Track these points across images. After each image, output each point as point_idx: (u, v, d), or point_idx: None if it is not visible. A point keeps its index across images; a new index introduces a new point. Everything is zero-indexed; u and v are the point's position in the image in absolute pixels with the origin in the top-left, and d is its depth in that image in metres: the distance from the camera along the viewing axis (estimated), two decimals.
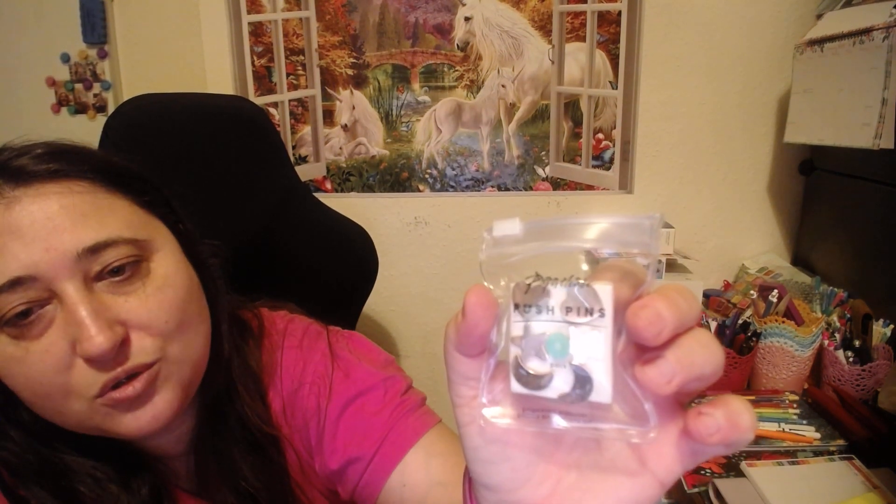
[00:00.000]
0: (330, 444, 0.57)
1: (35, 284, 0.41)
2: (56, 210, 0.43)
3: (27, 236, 0.41)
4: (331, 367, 0.59)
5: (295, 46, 1.38)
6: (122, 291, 0.44)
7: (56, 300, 0.42)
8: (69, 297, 0.42)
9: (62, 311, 0.42)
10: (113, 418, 0.44)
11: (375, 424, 0.56)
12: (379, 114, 1.41)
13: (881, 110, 0.90)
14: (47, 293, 0.42)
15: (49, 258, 0.41)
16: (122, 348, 0.43)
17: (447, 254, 1.47)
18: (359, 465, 0.55)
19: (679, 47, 1.33)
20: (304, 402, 0.58)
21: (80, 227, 0.43)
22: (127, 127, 0.87)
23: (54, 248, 0.42)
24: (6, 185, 0.42)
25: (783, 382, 0.97)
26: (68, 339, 0.42)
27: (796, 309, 1.00)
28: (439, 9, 1.35)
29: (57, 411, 0.44)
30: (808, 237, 1.34)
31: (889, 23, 0.89)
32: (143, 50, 1.43)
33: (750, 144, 1.37)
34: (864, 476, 0.74)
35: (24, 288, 0.41)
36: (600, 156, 1.39)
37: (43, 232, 0.42)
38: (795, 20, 1.28)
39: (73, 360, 0.42)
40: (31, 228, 0.42)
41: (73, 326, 0.42)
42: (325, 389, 0.58)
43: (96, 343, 0.41)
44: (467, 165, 1.42)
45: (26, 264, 0.41)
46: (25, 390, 0.43)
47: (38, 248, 0.41)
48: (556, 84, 1.37)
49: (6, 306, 0.41)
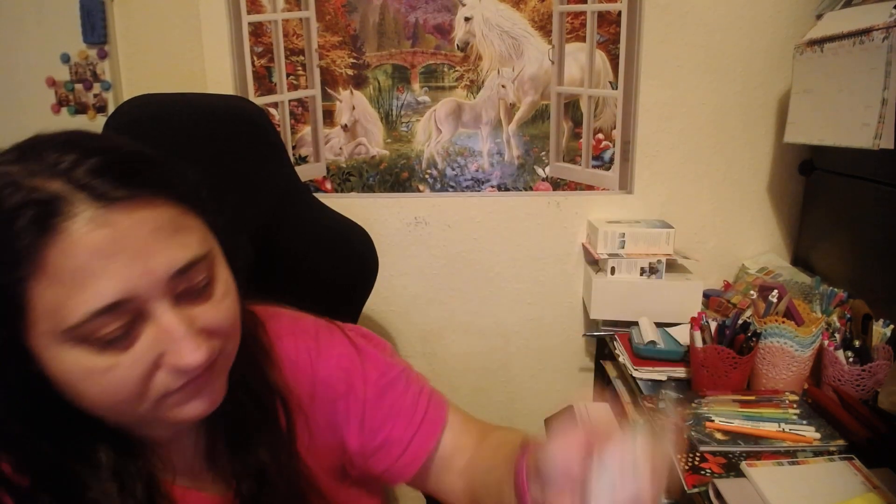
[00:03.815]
0: (369, 424, 0.62)
1: (130, 306, 0.43)
2: (148, 232, 0.43)
3: (125, 258, 0.42)
4: (357, 357, 0.64)
5: (295, 46, 1.38)
6: (198, 302, 0.47)
7: (143, 317, 0.44)
8: (163, 315, 0.44)
9: (152, 326, 0.44)
10: (177, 408, 0.48)
11: (408, 409, 0.64)
12: (379, 114, 1.41)
13: (881, 110, 0.90)
14: (139, 312, 0.43)
15: (146, 281, 0.43)
16: None
17: (447, 254, 1.47)
18: (397, 446, 0.62)
19: (679, 47, 1.33)
20: (328, 387, 0.62)
21: (171, 249, 0.44)
22: (127, 127, 0.87)
23: (151, 270, 0.43)
24: (105, 201, 0.41)
25: (783, 382, 0.97)
26: (157, 352, 0.44)
27: (796, 309, 1.00)
28: (439, 9, 1.35)
29: (123, 412, 0.46)
30: (808, 237, 1.34)
31: (889, 23, 0.89)
32: (143, 50, 1.43)
33: (750, 144, 1.37)
34: (864, 476, 0.74)
35: (121, 310, 0.42)
36: (600, 156, 1.39)
37: (139, 255, 0.42)
38: (795, 20, 1.28)
39: (156, 368, 0.45)
40: (130, 251, 0.42)
41: (165, 341, 0.44)
42: (358, 377, 0.63)
43: (196, 358, 0.44)
44: (467, 165, 1.42)
45: (126, 287, 0.42)
46: (102, 397, 0.44)
47: (136, 271, 0.42)
48: (556, 84, 1.37)
49: (102, 328, 0.42)
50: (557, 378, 1.54)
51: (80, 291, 0.41)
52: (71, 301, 0.41)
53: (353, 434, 0.63)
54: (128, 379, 0.44)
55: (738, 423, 0.86)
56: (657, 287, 1.27)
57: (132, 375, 0.44)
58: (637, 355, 1.14)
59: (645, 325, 1.20)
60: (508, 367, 1.54)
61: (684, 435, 0.84)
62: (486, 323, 1.51)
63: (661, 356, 1.12)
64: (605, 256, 1.29)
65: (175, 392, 0.46)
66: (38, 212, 0.40)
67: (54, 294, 0.41)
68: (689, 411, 0.90)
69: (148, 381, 0.45)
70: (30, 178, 0.41)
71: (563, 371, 1.53)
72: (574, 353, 1.52)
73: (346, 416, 0.63)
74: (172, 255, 0.44)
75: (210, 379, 0.49)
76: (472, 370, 1.54)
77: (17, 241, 0.40)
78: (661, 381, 1.06)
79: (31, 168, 0.42)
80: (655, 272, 1.28)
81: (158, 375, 0.45)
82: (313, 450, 0.61)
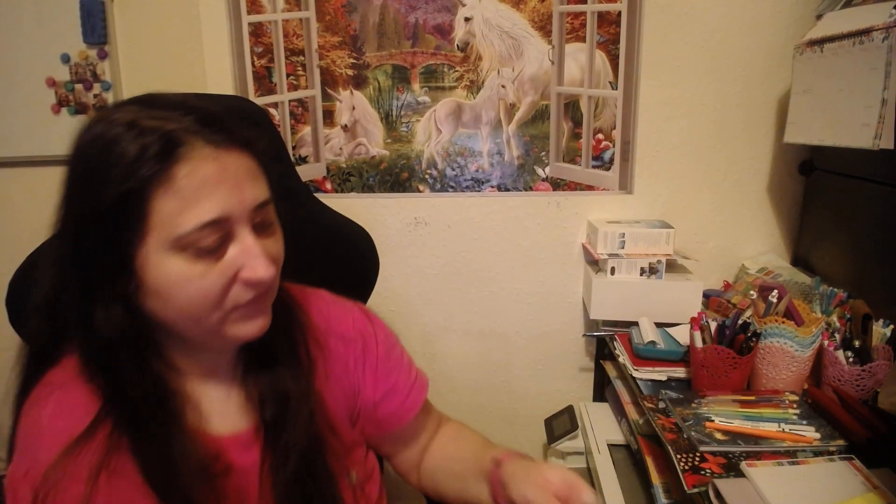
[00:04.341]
0: (381, 374, 0.76)
1: (225, 224, 0.54)
2: (245, 171, 0.56)
3: (226, 187, 0.54)
4: (368, 321, 0.78)
5: (295, 47, 1.38)
6: (265, 236, 0.59)
7: (231, 237, 0.55)
8: (246, 236, 0.56)
9: (237, 244, 0.56)
10: (238, 325, 0.59)
11: (405, 367, 0.80)
12: (379, 114, 1.41)
13: (881, 110, 0.90)
14: (228, 231, 0.55)
15: (238, 208, 0.55)
16: None
17: (447, 254, 1.47)
18: (401, 393, 0.77)
19: (679, 47, 1.33)
20: (345, 343, 0.74)
21: (255, 188, 0.57)
22: None
23: (242, 200, 0.55)
24: (214, 143, 0.54)
25: (783, 382, 0.97)
26: (237, 266, 0.56)
27: (796, 309, 1.00)
28: (439, 9, 1.35)
29: (202, 319, 0.57)
30: (808, 237, 1.34)
31: (889, 23, 0.89)
32: (143, 50, 1.43)
33: (750, 144, 1.37)
34: (864, 476, 0.74)
35: (219, 226, 0.54)
36: (600, 156, 1.39)
37: (236, 186, 0.55)
38: (795, 20, 1.28)
39: (234, 281, 0.56)
40: (230, 182, 0.54)
41: (244, 257, 0.56)
42: (371, 337, 0.77)
43: (268, 273, 0.56)
44: (467, 166, 1.42)
45: (225, 209, 0.54)
46: (190, 304, 0.55)
47: (233, 199, 0.54)
48: (556, 84, 1.37)
49: (202, 239, 0.53)
50: (557, 378, 1.54)
51: (192, 207, 0.52)
52: (183, 214, 0.52)
53: (370, 383, 0.75)
54: (213, 286, 0.55)
55: (737, 423, 0.86)
56: (657, 287, 1.27)
57: (217, 283, 0.55)
58: (637, 355, 1.14)
59: (645, 326, 1.20)
60: (508, 367, 1.54)
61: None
62: (486, 323, 1.51)
63: (661, 356, 1.12)
64: (605, 256, 1.29)
65: (241, 307, 0.57)
66: (167, 140, 0.52)
67: (171, 207, 0.52)
68: (689, 411, 0.90)
69: (226, 292, 0.56)
70: (155, 118, 0.53)
71: (563, 371, 1.53)
72: (574, 353, 1.52)
73: (363, 368, 0.75)
74: (256, 192, 0.57)
75: (264, 305, 0.61)
76: (472, 370, 1.54)
77: (149, 161, 0.51)
78: (661, 381, 1.06)
79: (154, 113, 0.54)
80: (655, 272, 1.28)
81: (234, 289, 0.56)
82: (329, 392, 0.72)
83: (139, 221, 0.52)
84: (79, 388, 0.58)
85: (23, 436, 0.58)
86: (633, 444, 1.04)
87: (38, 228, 0.85)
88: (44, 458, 0.55)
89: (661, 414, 0.92)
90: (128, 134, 0.52)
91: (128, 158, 0.51)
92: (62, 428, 0.56)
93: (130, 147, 0.51)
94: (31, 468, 0.55)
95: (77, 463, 0.55)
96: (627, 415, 1.08)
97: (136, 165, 0.51)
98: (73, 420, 0.56)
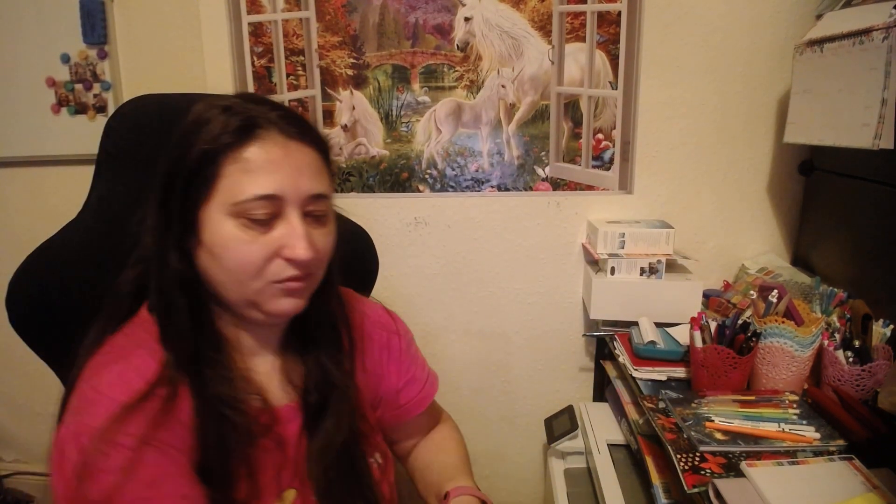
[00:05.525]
0: (404, 366, 0.86)
1: (277, 202, 0.63)
2: (306, 163, 0.65)
3: (287, 171, 0.63)
4: (391, 319, 0.88)
5: (295, 47, 1.38)
6: (315, 227, 0.67)
7: (281, 216, 0.64)
8: (294, 218, 0.64)
9: (284, 223, 0.64)
10: (274, 299, 0.66)
11: (421, 360, 0.91)
12: (379, 114, 1.41)
13: (881, 110, 0.90)
14: (279, 209, 0.63)
15: (293, 191, 0.63)
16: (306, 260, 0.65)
17: (447, 254, 1.47)
18: (419, 382, 0.88)
19: (679, 47, 1.33)
20: (372, 338, 0.84)
21: (313, 180, 0.65)
22: (128, 128, 0.87)
23: (297, 185, 0.64)
24: (286, 134, 0.64)
25: (783, 382, 0.97)
26: (281, 243, 0.63)
27: (796, 309, 1.00)
28: (439, 9, 1.35)
29: (244, 284, 0.64)
30: (808, 237, 1.34)
31: (889, 23, 0.89)
32: (143, 50, 1.43)
33: (750, 144, 1.37)
34: (864, 476, 0.74)
35: (272, 202, 0.62)
36: (600, 156, 1.39)
37: (296, 173, 0.64)
38: (795, 20, 1.28)
39: (275, 256, 0.64)
40: (291, 167, 0.63)
41: (288, 236, 0.63)
42: (394, 332, 0.87)
43: (306, 253, 0.63)
44: (467, 166, 1.42)
45: (280, 188, 0.62)
46: (235, 266, 0.63)
47: (291, 182, 0.63)
48: (555, 84, 1.37)
49: (255, 209, 0.62)
50: (557, 378, 1.54)
51: (253, 180, 0.62)
52: (244, 184, 0.61)
53: (393, 371, 0.85)
54: (256, 254, 0.63)
55: (737, 423, 0.86)
56: (657, 287, 1.27)
57: (259, 253, 0.63)
58: (637, 355, 1.14)
59: (645, 325, 1.20)
60: (508, 367, 1.54)
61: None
62: (486, 323, 1.51)
63: (661, 356, 1.12)
64: (605, 256, 1.29)
65: (279, 282, 0.65)
66: (248, 121, 0.63)
67: (236, 176, 0.62)
68: (689, 411, 0.90)
69: (267, 263, 0.64)
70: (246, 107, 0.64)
71: (563, 371, 1.53)
72: (574, 353, 1.52)
73: (388, 360, 0.85)
74: (313, 184, 0.65)
75: (300, 289, 0.67)
76: (472, 370, 1.54)
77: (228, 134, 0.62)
78: (660, 381, 1.06)
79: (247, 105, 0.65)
80: (655, 272, 1.28)
81: (275, 262, 0.64)
82: (360, 379, 0.80)
83: (208, 182, 0.62)
84: (139, 358, 0.64)
85: (78, 398, 0.62)
86: (633, 444, 1.04)
87: (38, 228, 0.85)
88: (94, 423, 0.58)
89: (661, 414, 0.92)
90: (221, 115, 0.63)
91: (213, 129, 0.62)
92: (116, 397, 0.60)
93: (218, 121, 0.62)
94: (80, 431, 0.58)
95: (124, 432, 0.58)
96: (627, 415, 1.08)
97: (218, 135, 0.62)
98: (129, 388, 0.61)
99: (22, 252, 0.81)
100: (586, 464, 1.17)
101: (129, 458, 0.58)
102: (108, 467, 0.57)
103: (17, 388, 1.67)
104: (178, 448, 0.61)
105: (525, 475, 1.61)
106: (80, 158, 1.45)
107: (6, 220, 1.57)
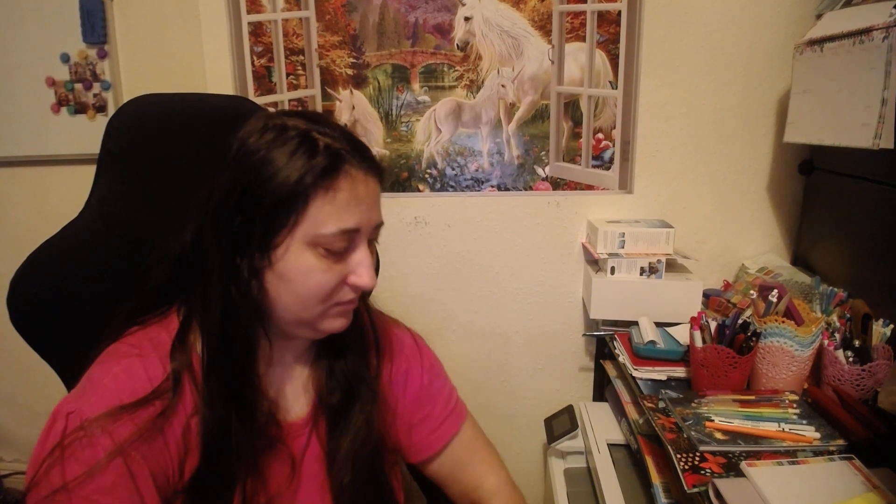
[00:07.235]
0: (422, 398, 0.85)
1: (353, 235, 0.66)
2: (376, 195, 0.68)
3: (365, 205, 0.66)
4: (416, 348, 0.88)
5: (295, 46, 1.38)
6: (372, 251, 0.69)
7: (355, 246, 0.67)
8: (363, 249, 0.67)
9: (356, 253, 0.67)
10: (331, 318, 0.69)
11: (444, 398, 0.87)
12: (379, 114, 1.41)
13: (881, 110, 0.90)
14: (354, 241, 0.66)
15: (367, 224, 0.67)
16: None
17: (447, 254, 1.48)
18: (434, 421, 0.85)
19: (679, 47, 1.33)
20: (395, 365, 0.84)
21: (378, 210, 0.69)
22: (128, 128, 0.87)
23: (371, 219, 0.67)
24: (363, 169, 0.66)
25: (783, 382, 0.97)
26: (350, 270, 0.67)
27: (796, 309, 1.00)
28: (439, 9, 1.35)
29: (309, 308, 0.67)
30: (808, 237, 1.34)
31: (889, 23, 0.89)
32: (143, 50, 1.43)
33: (750, 144, 1.37)
34: (864, 476, 0.74)
35: (350, 236, 0.65)
36: (600, 156, 1.40)
37: (372, 206, 0.67)
38: (795, 20, 1.28)
39: (343, 282, 0.67)
40: (368, 202, 0.66)
41: (357, 265, 0.67)
42: (417, 363, 0.86)
43: (372, 281, 0.67)
44: (467, 165, 1.42)
45: (360, 222, 0.65)
46: (307, 292, 0.65)
47: (366, 216, 0.66)
48: (555, 84, 1.37)
49: (335, 243, 0.64)
50: (557, 377, 1.54)
51: (340, 214, 0.64)
52: (332, 218, 0.63)
53: (410, 402, 0.84)
54: (328, 282, 0.65)
55: (737, 423, 0.86)
56: (657, 287, 1.27)
57: (332, 280, 0.66)
58: (637, 355, 1.14)
59: (645, 325, 1.20)
60: (508, 367, 1.54)
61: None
62: (486, 323, 1.51)
63: (661, 356, 1.12)
64: (605, 256, 1.29)
65: (339, 305, 0.68)
66: (336, 155, 0.63)
67: (325, 210, 0.63)
68: (689, 411, 0.90)
69: (336, 289, 0.67)
70: (323, 134, 0.64)
71: (563, 371, 1.53)
72: (574, 352, 1.52)
73: (405, 389, 0.84)
74: (379, 215, 0.69)
75: (354, 306, 0.71)
76: (472, 370, 1.54)
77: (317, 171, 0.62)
78: (660, 380, 1.06)
79: (321, 129, 0.65)
80: (655, 272, 1.28)
81: (342, 288, 0.67)
82: (383, 387, 0.82)
83: (295, 215, 0.63)
84: (151, 362, 0.65)
85: (86, 381, 0.64)
86: (632, 444, 1.05)
87: (39, 228, 0.85)
88: (88, 412, 0.60)
89: (661, 413, 0.92)
90: (303, 144, 0.63)
91: (301, 164, 0.62)
92: (118, 391, 0.62)
93: (304, 154, 0.62)
94: (74, 412, 0.61)
95: (109, 431, 0.60)
96: (627, 414, 1.08)
97: (307, 172, 0.62)
98: (131, 387, 0.62)
99: (22, 252, 0.81)
100: (586, 463, 1.17)
101: (99, 459, 0.59)
102: (79, 457, 0.59)
103: (17, 388, 1.67)
104: (151, 466, 0.62)
105: (525, 475, 1.61)
106: (80, 158, 1.45)
107: (6, 219, 1.56)
